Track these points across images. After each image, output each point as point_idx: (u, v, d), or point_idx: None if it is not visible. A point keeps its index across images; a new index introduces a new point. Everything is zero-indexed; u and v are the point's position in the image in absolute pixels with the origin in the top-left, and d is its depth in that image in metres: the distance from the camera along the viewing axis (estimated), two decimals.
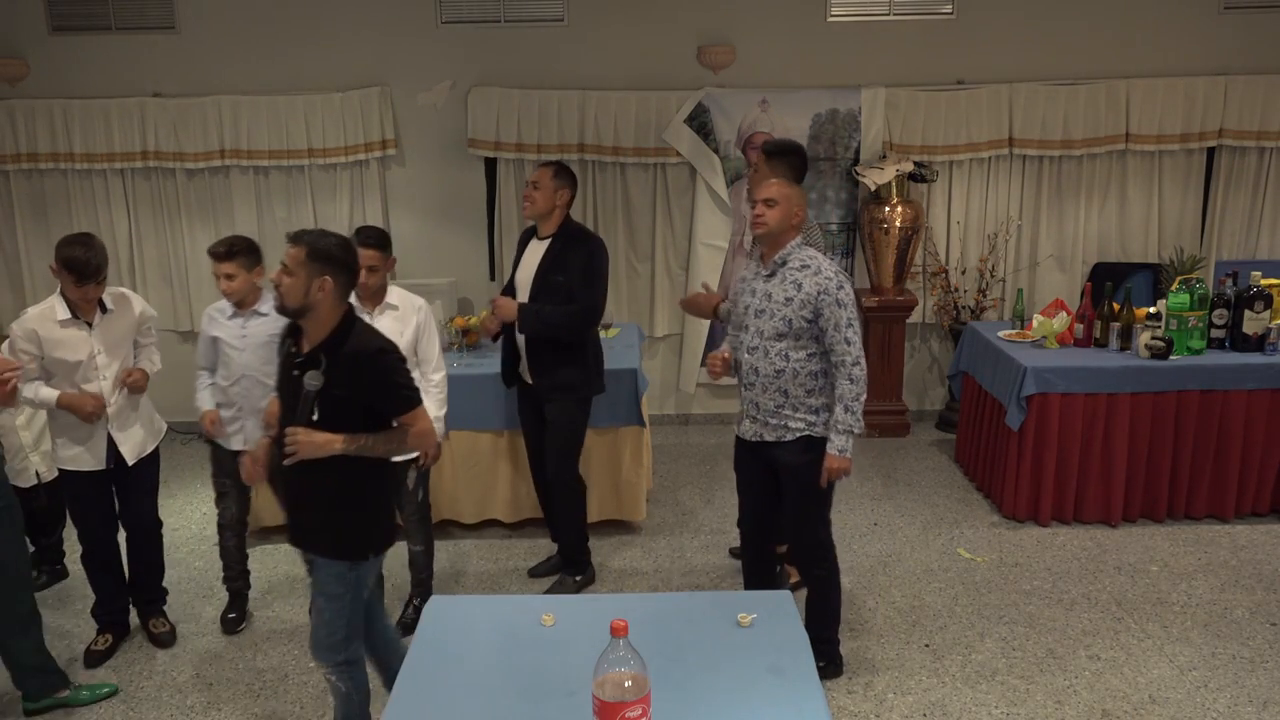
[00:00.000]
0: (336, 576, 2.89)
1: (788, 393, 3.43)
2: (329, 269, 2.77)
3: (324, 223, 6.42)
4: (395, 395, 2.84)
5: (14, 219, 6.43)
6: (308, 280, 2.75)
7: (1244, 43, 6.17)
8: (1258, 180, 6.33)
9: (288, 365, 2.87)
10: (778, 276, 3.43)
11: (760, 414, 3.49)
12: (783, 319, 3.38)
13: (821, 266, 3.40)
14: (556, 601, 2.78)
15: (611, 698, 1.96)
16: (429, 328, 3.91)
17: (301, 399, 2.75)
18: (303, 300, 2.76)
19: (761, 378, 3.44)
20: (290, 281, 2.75)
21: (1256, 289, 4.90)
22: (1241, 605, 4.18)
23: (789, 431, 3.46)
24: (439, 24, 6.23)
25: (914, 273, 6.37)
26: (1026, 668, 3.76)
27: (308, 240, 2.77)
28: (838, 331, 3.36)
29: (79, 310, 3.66)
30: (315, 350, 2.79)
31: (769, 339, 3.42)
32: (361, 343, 2.81)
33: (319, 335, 2.80)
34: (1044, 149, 6.25)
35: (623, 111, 6.22)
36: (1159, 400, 4.80)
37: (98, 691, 3.69)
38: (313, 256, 2.76)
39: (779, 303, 3.40)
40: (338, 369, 2.76)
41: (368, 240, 3.76)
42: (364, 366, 2.78)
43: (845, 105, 6.25)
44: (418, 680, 2.40)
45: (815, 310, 3.35)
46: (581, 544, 4.42)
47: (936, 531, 4.95)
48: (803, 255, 3.43)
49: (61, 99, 6.25)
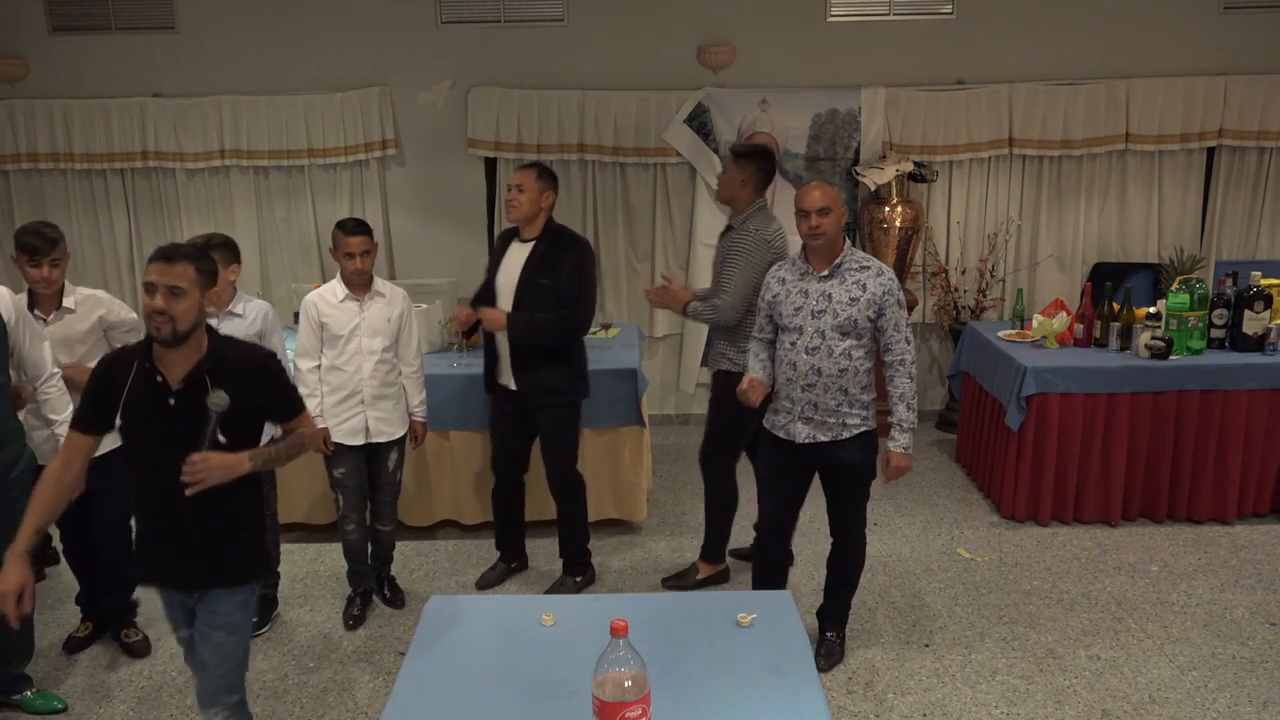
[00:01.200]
0: (241, 605, 2.72)
1: (848, 390, 3.49)
2: (211, 282, 2.59)
3: (324, 223, 6.43)
4: (290, 398, 2.76)
5: (14, 219, 6.43)
6: (201, 298, 2.54)
7: (1244, 43, 6.17)
8: (1258, 180, 6.33)
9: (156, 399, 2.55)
10: (836, 278, 3.48)
11: (819, 414, 3.51)
12: (848, 318, 3.43)
13: (882, 267, 3.51)
14: (556, 601, 2.78)
15: (611, 698, 1.96)
16: (410, 315, 4.13)
17: (207, 424, 2.51)
18: (195, 321, 2.54)
19: (824, 377, 3.47)
20: (185, 304, 2.50)
21: (1256, 289, 4.90)
22: (1241, 605, 4.18)
23: (846, 429, 3.53)
24: (439, 24, 6.23)
25: (914, 273, 6.37)
26: (1026, 668, 3.76)
27: (190, 255, 2.54)
28: (898, 331, 3.46)
29: (37, 303, 3.67)
30: (195, 373, 2.56)
31: (832, 338, 3.45)
32: (246, 351, 2.69)
33: (196, 355, 2.57)
34: (1044, 149, 6.25)
35: (623, 111, 6.22)
36: (1159, 400, 4.80)
37: (51, 703, 3.63)
38: (202, 272, 2.55)
39: (842, 302, 3.44)
40: (231, 382, 2.56)
41: (357, 228, 3.92)
42: (259, 373, 2.65)
43: (845, 105, 6.25)
44: (418, 680, 2.40)
45: (879, 309, 3.44)
46: (584, 545, 4.42)
47: (936, 531, 4.95)
48: (858, 256, 3.52)
49: (61, 99, 6.25)
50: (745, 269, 3.97)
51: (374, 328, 4.00)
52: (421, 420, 4.21)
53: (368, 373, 4.00)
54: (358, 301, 3.98)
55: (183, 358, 2.56)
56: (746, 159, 4.09)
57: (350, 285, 3.98)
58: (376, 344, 4.00)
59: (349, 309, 3.99)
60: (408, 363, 4.13)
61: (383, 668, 3.86)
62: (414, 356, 4.15)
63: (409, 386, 4.15)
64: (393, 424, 4.09)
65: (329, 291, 4.03)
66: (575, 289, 4.03)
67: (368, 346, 3.99)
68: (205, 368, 2.57)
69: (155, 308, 2.49)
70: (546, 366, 4.11)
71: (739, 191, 4.09)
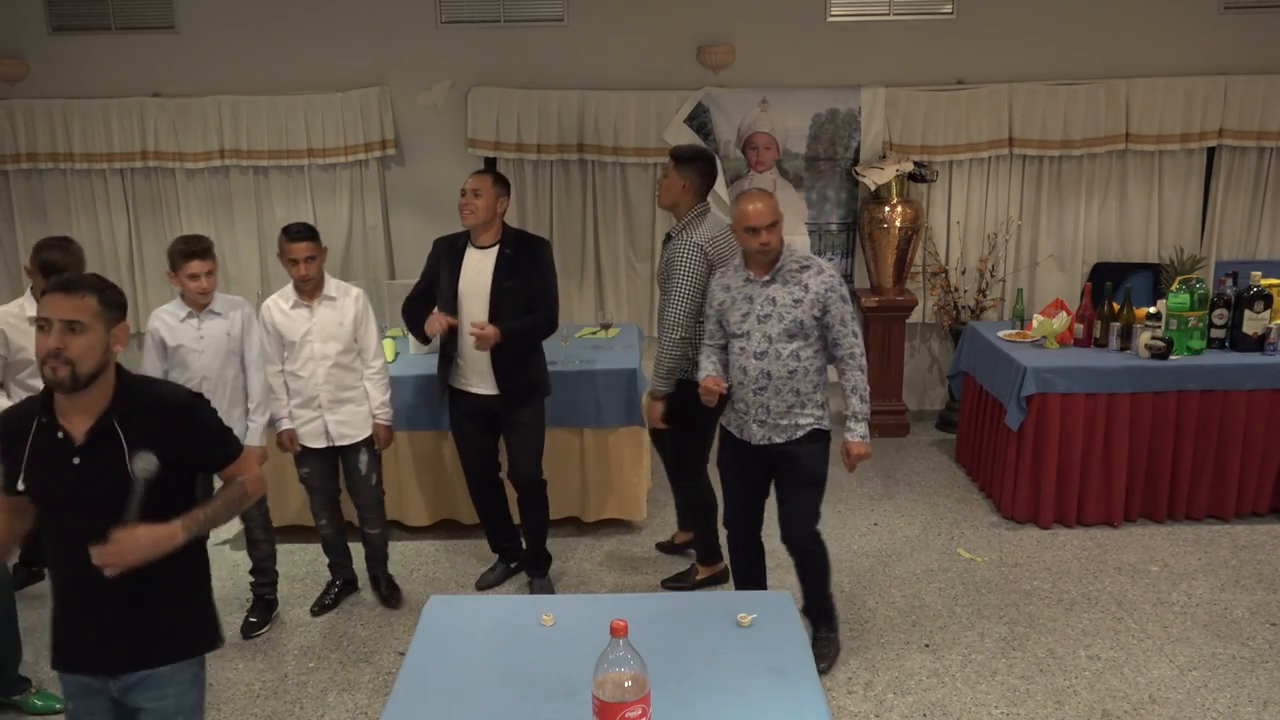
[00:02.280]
0: (192, 680, 2.36)
1: (799, 391, 3.50)
2: (119, 316, 2.24)
3: (324, 223, 6.42)
4: (223, 442, 2.39)
5: (14, 219, 6.43)
6: (106, 335, 2.19)
7: (1244, 43, 6.16)
8: (1258, 180, 6.33)
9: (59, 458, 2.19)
10: (778, 281, 3.49)
11: (771, 417, 3.52)
12: (793, 320, 3.45)
13: (822, 265, 3.52)
14: (556, 601, 2.78)
15: (611, 698, 1.96)
16: (367, 316, 4.09)
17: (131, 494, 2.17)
18: (100, 362, 2.18)
19: (775, 380, 3.48)
20: (86, 341, 2.13)
21: (1256, 289, 4.90)
22: (1241, 605, 4.18)
23: (799, 429, 3.53)
24: (439, 24, 6.23)
25: (914, 273, 6.37)
26: (1026, 668, 3.76)
27: (92, 286, 2.19)
28: (844, 326, 3.48)
29: None
30: (101, 423, 2.19)
31: (779, 341, 3.46)
32: (165, 392, 2.35)
33: (103, 401, 2.21)
34: (1044, 149, 6.24)
35: (623, 111, 6.22)
36: (1159, 400, 4.80)
37: (51, 704, 3.61)
38: (106, 304, 2.20)
39: (787, 305, 3.45)
40: (149, 431, 2.21)
41: (302, 233, 3.90)
42: (184, 418, 2.29)
43: (845, 105, 6.25)
44: (418, 680, 2.40)
45: (824, 307, 3.45)
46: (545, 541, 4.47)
47: (936, 531, 4.94)
48: (796, 256, 3.52)
49: (61, 99, 6.25)
50: (683, 282, 3.98)
51: (326, 333, 3.98)
52: (384, 423, 4.15)
53: (321, 378, 3.99)
54: (307, 307, 3.98)
55: (87, 406, 2.19)
56: (687, 164, 4.08)
57: (299, 291, 3.98)
58: (330, 349, 3.99)
59: (299, 315, 3.98)
60: (368, 364, 4.10)
61: (383, 668, 3.86)
62: (374, 357, 4.12)
63: (371, 388, 4.11)
64: (355, 426, 4.09)
65: (281, 298, 4.02)
66: (547, 289, 4.09)
67: (320, 352, 3.99)
68: (114, 415, 2.20)
69: (50, 347, 2.11)
70: (524, 366, 4.14)
71: (680, 197, 4.08)
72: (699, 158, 4.12)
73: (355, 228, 6.45)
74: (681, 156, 4.11)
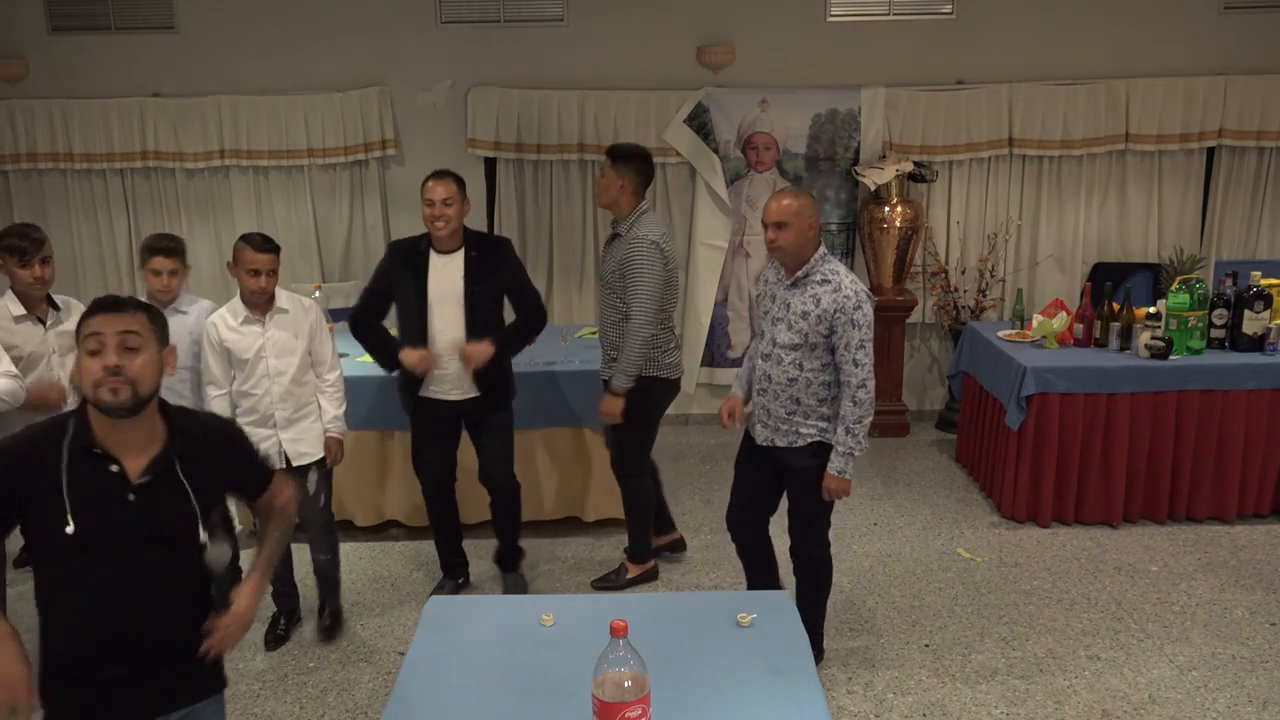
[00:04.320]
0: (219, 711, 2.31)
1: (799, 400, 3.46)
2: (166, 337, 2.11)
3: (324, 223, 6.43)
4: (263, 468, 2.33)
5: (14, 219, 6.42)
6: (159, 353, 2.06)
7: (1244, 43, 6.17)
8: (1258, 180, 6.33)
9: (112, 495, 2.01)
10: (799, 288, 3.44)
11: (771, 420, 3.51)
12: (798, 331, 3.40)
13: (843, 284, 3.38)
14: (556, 601, 2.78)
15: (611, 698, 1.96)
16: (321, 327, 3.89)
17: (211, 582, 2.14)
18: (156, 383, 2.04)
19: (774, 384, 3.47)
20: (144, 359, 2.00)
21: (1256, 289, 4.90)
22: (1241, 605, 4.18)
23: (800, 437, 3.49)
24: (439, 24, 6.23)
25: (914, 273, 6.37)
26: (1026, 668, 3.76)
27: (138, 305, 2.06)
28: (848, 351, 3.36)
29: (32, 305, 3.67)
30: (161, 459, 2.05)
31: (782, 348, 3.44)
32: (208, 423, 2.24)
33: (153, 431, 2.07)
34: (1044, 149, 6.24)
35: (623, 111, 6.22)
36: (1159, 400, 4.80)
37: None
38: (155, 323, 2.07)
39: (796, 314, 3.41)
40: (205, 466, 2.12)
41: (265, 245, 3.68)
42: (233, 445, 2.24)
43: (845, 105, 6.25)
44: (418, 680, 2.40)
45: (830, 327, 3.36)
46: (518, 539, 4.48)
47: (936, 531, 4.95)
48: (826, 269, 3.42)
49: (61, 99, 6.25)
50: (647, 279, 3.98)
51: (281, 348, 3.76)
52: (336, 436, 3.91)
53: (278, 396, 3.76)
54: (259, 322, 3.74)
55: (137, 436, 2.03)
56: (625, 162, 4.06)
57: (250, 305, 3.73)
58: (284, 365, 3.77)
59: (251, 331, 3.74)
60: (323, 376, 3.90)
61: (383, 668, 3.86)
62: (329, 369, 3.90)
63: (325, 401, 3.89)
64: (310, 444, 3.87)
65: (230, 313, 3.76)
66: (525, 286, 4.09)
67: (275, 369, 3.76)
68: (175, 451, 2.06)
69: (109, 365, 1.95)
70: (501, 369, 4.09)
71: (619, 196, 4.07)
72: (636, 156, 4.10)
73: (355, 228, 6.45)
74: (619, 155, 4.09)
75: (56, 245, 6.46)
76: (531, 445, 4.83)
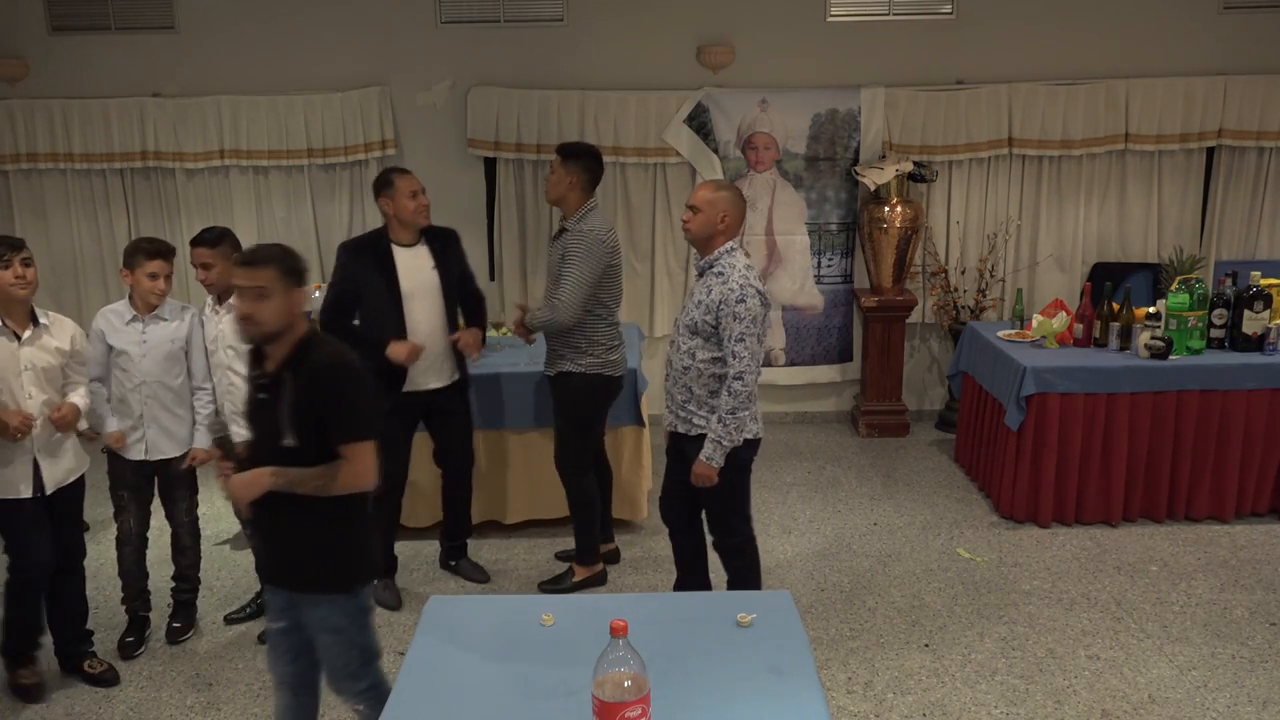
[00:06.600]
0: (340, 610, 2.73)
1: (691, 389, 3.53)
2: (299, 282, 2.66)
3: (324, 223, 6.43)
4: (345, 418, 2.64)
5: (14, 219, 6.42)
6: (286, 300, 2.61)
7: (1244, 43, 6.16)
8: (1257, 180, 6.33)
9: (255, 389, 2.74)
10: (703, 277, 3.55)
11: (673, 404, 3.62)
12: (691, 320, 3.50)
13: (731, 276, 3.43)
14: (556, 601, 2.78)
15: (611, 698, 1.96)
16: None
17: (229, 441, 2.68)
18: (284, 322, 2.62)
19: (674, 370, 3.59)
20: (268, 305, 2.58)
21: (1256, 289, 4.90)
22: (1241, 605, 4.18)
23: (693, 427, 3.56)
24: (439, 24, 6.23)
25: (914, 273, 6.37)
26: (1026, 668, 3.76)
27: (272, 257, 2.62)
28: (729, 342, 3.41)
29: (9, 314, 3.45)
30: (280, 369, 2.66)
31: (682, 334, 3.56)
32: (329, 353, 2.67)
33: (283, 353, 2.66)
34: (1043, 149, 6.24)
35: (623, 111, 6.22)
36: (1159, 400, 4.80)
37: None
38: (287, 273, 2.62)
39: (694, 303, 3.52)
40: (304, 385, 2.61)
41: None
42: (325, 377, 2.63)
43: (845, 105, 6.25)
44: (418, 680, 2.40)
45: (717, 318, 3.43)
46: None
47: (936, 531, 4.95)
48: (725, 261, 3.49)
49: (61, 99, 6.25)
50: (582, 268, 4.00)
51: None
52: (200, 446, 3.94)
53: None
54: (216, 315, 3.95)
55: (275, 354, 2.67)
56: (574, 159, 4.11)
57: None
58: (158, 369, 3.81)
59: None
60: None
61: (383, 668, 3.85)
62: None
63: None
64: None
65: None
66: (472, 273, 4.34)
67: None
68: (290, 365, 2.63)
69: (242, 312, 2.59)
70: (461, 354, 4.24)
71: (568, 193, 4.10)
72: (586, 154, 4.15)
73: (355, 228, 6.44)
74: (569, 153, 4.14)
75: (56, 245, 6.51)
76: (530, 443, 4.82)
